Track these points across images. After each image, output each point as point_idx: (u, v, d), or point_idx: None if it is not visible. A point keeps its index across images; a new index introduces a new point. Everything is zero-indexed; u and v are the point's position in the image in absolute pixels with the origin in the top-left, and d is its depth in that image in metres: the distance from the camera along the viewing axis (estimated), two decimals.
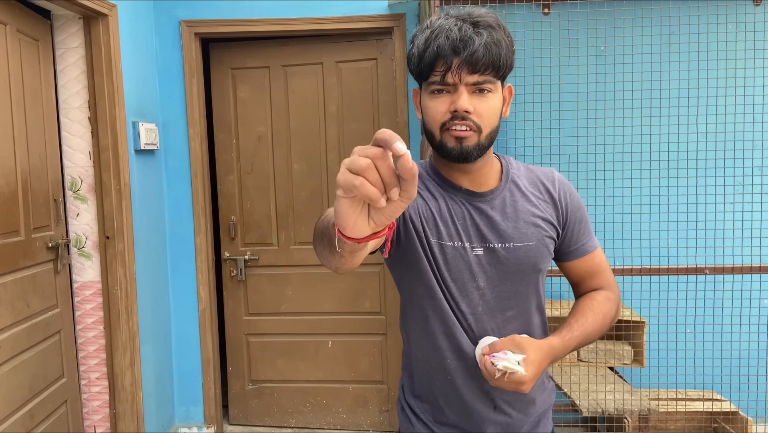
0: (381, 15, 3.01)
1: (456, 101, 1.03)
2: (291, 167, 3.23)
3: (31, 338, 2.28)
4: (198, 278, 3.18)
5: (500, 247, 1.10)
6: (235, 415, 3.39)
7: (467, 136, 1.04)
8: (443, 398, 1.17)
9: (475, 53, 1.00)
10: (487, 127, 1.05)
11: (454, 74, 1.02)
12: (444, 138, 1.06)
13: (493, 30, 1.03)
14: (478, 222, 1.11)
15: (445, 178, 1.15)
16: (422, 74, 1.07)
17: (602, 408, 2.58)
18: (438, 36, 1.02)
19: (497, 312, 1.12)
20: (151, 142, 2.92)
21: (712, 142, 2.75)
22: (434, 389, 1.18)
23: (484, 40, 1.01)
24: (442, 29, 1.03)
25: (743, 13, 2.83)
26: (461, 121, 1.03)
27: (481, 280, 1.11)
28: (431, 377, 1.17)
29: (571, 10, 2.75)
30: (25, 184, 2.26)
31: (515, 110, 2.76)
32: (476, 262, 1.11)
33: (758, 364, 2.87)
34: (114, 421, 2.69)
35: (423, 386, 1.20)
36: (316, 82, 3.19)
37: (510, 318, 1.13)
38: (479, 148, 1.06)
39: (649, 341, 2.77)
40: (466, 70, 1.01)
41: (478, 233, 1.11)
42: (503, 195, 1.13)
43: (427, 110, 1.08)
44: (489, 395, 1.14)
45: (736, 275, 2.61)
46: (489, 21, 1.03)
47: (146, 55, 2.99)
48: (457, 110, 1.03)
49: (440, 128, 1.06)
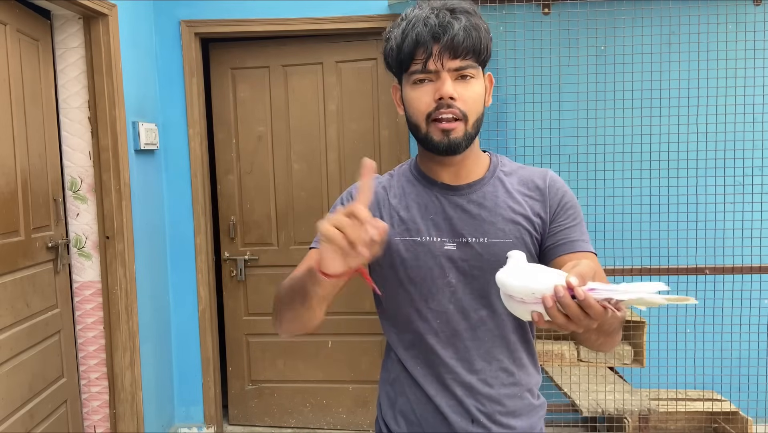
0: (381, 15, 3.01)
1: (440, 88, 1.00)
2: (291, 167, 3.23)
3: (31, 338, 2.28)
4: (198, 278, 3.18)
5: (474, 241, 1.06)
6: (235, 415, 3.39)
7: (454, 128, 1.02)
8: (419, 411, 1.11)
9: (455, 37, 0.98)
10: (473, 114, 1.03)
11: (435, 60, 1.00)
12: (430, 131, 1.03)
13: (470, 15, 1.01)
14: (451, 216, 1.08)
15: (423, 173, 1.12)
16: (402, 65, 1.04)
17: (602, 408, 2.58)
18: (415, 25, 1.01)
19: (470, 311, 1.07)
20: (151, 142, 2.92)
21: (712, 142, 2.75)
22: (410, 402, 1.12)
23: (463, 24, 0.99)
24: (419, 18, 1.01)
25: (743, 13, 2.83)
26: (447, 109, 1.01)
27: (452, 276, 1.07)
28: (404, 389, 1.13)
29: (571, 10, 2.75)
30: (24, 184, 2.26)
31: (515, 110, 2.76)
32: (447, 257, 1.07)
33: (758, 364, 2.87)
34: (114, 421, 2.69)
35: (399, 400, 1.15)
36: (316, 82, 3.19)
37: (483, 318, 1.07)
38: (467, 138, 1.04)
39: (649, 341, 2.77)
40: (447, 56, 1.00)
41: (451, 227, 1.08)
42: (484, 189, 1.09)
43: (410, 102, 1.05)
44: (463, 406, 1.08)
45: (736, 275, 2.61)
46: (465, 7, 1.02)
47: (146, 55, 2.99)
48: (443, 97, 1.00)
49: (426, 119, 1.03)
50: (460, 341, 1.08)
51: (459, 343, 1.08)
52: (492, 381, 1.09)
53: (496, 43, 2.80)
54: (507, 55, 2.71)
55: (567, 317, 0.80)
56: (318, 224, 0.81)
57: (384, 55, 1.09)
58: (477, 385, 1.08)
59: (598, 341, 0.99)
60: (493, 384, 1.09)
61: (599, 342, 0.99)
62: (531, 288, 0.82)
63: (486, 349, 1.09)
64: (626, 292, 0.78)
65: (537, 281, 0.83)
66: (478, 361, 1.08)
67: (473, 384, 1.08)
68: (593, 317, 0.79)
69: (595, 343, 1.00)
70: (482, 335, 1.08)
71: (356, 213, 0.79)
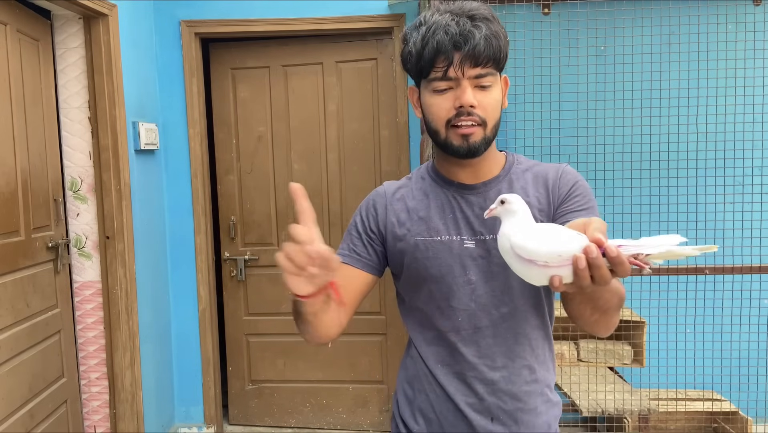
0: (381, 15, 3.01)
1: (460, 96, 1.02)
2: (291, 167, 3.23)
3: (31, 338, 2.28)
4: (198, 278, 3.18)
5: (491, 238, 1.07)
6: (235, 415, 3.39)
7: (473, 132, 1.04)
8: (438, 409, 1.12)
9: (476, 47, 1.00)
10: (491, 120, 1.05)
11: (456, 69, 1.01)
12: (450, 136, 1.05)
13: (489, 22, 1.02)
14: (468, 215, 1.10)
15: (441, 174, 1.15)
16: (422, 72, 1.05)
17: (602, 408, 2.58)
18: (436, 32, 1.01)
19: (491, 307, 1.08)
20: (151, 142, 2.92)
21: (712, 142, 2.75)
22: (429, 400, 1.14)
23: (484, 33, 1.00)
24: (439, 25, 1.02)
25: (743, 13, 2.83)
26: (467, 116, 1.03)
27: (473, 273, 1.08)
28: (423, 387, 1.14)
29: (571, 10, 2.75)
30: (25, 184, 2.26)
31: (515, 110, 2.76)
32: (468, 255, 1.08)
33: (758, 364, 2.87)
34: (114, 421, 2.69)
35: (418, 398, 1.16)
36: (316, 82, 3.19)
37: (505, 315, 1.08)
38: (486, 142, 1.06)
39: (649, 341, 2.77)
40: (468, 65, 1.01)
41: (469, 225, 1.09)
42: (499, 187, 1.11)
43: (430, 108, 1.06)
44: (484, 404, 1.09)
45: (736, 275, 2.61)
46: (484, 13, 1.03)
47: (146, 55, 2.99)
48: (463, 105, 1.02)
49: (446, 125, 1.05)
50: (482, 339, 1.09)
51: (481, 340, 1.09)
52: (515, 378, 1.09)
53: None
54: None
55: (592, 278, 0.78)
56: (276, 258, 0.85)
57: (402, 58, 1.10)
58: (500, 382, 1.09)
59: (592, 318, 1.00)
60: (515, 381, 1.09)
61: (593, 319, 1.00)
62: (558, 251, 0.78)
63: (508, 346, 1.09)
64: (654, 246, 0.76)
65: (562, 242, 0.79)
66: (500, 358, 1.09)
67: (496, 381, 1.09)
68: (620, 274, 0.78)
69: (589, 319, 1.01)
70: (504, 332, 1.09)
71: (296, 237, 0.82)
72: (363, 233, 1.16)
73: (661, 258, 0.78)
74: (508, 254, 0.87)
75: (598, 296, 0.95)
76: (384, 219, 1.15)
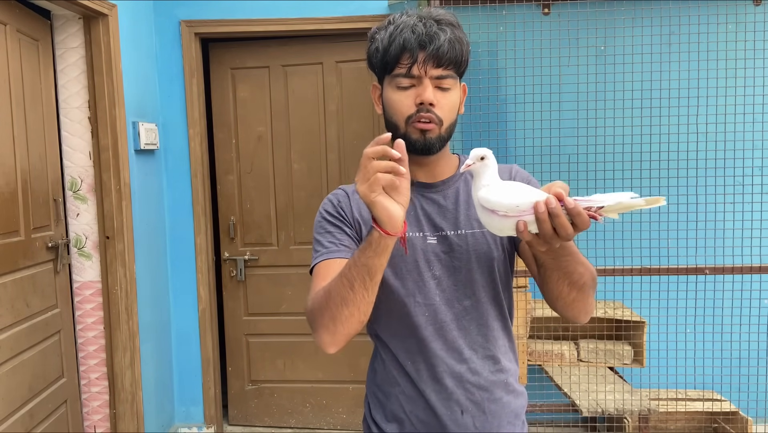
0: (381, 15, 3.01)
1: (422, 94, 1.07)
2: (291, 167, 3.23)
3: (31, 338, 2.28)
4: (198, 278, 3.18)
5: (452, 234, 1.13)
6: (234, 415, 3.39)
7: (431, 129, 1.09)
8: (409, 408, 1.14)
9: (440, 48, 1.05)
10: (447, 120, 1.10)
11: (420, 67, 1.06)
12: (408, 131, 1.10)
13: (454, 28, 1.08)
14: (429, 211, 1.15)
15: None
16: (386, 67, 1.11)
17: (602, 408, 2.58)
18: (403, 30, 1.08)
19: (454, 301, 1.13)
20: (151, 142, 2.92)
21: (712, 142, 2.74)
22: (400, 402, 1.15)
23: (448, 36, 1.06)
24: (407, 25, 1.08)
25: (743, 13, 2.83)
26: (426, 113, 1.08)
27: (437, 268, 1.13)
28: (393, 388, 1.15)
29: (571, 10, 2.75)
30: (24, 184, 2.26)
31: (515, 110, 2.76)
32: (431, 250, 1.13)
33: (758, 364, 2.87)
34: (114, 421, 2.69)
35: (389, 400, 1.17)
36: (316, 82, 3.19)
37: (468, 308, 1.13)
38: (440, 140, 1.11)
39: (649, 341, 2.77)
40: (431, 64, 1.06)
41: (430, 221, 1.14)
42: (456, 186, 1.17)
43: (391, 103, 1.12)
44: (453, 397, 1.11)
45: (736, 275, 2.61)
46: (450, 20, 1.09)
47: (146, 55, 2.99)
48: (423, 102, 1.07)
49: (405, 121, 1.10)
50: (447, 332, 1.13)
51: (447, 334, 1.13)
52: (480, 369, 1.13)
53: (496, 43, 2.82)
54: (507, 55, 2.71)
55: (554, 230, 0.87)
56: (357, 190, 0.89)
57: (368, 55, 1.18)
58: (466, 374, 1.12)
59: (570, 296, 1.04)
60: (481, 372, 1.13)
61: (571, 298, 1.04)
62: (516, 202, 0.90)
63: (472, 338, 1.14)
64: (604, 201, 0.86)
65: (521, 195, 0.90)
66: (465, 350, 1.13)
67: (462, 374, 1.12)
68: (579, 226, 0.87)
69: (567, 298, 1.04)
70: (467, 324, 1.13)
71: (393, 155, 0.88)
72: (341, 224, 1.15)
73: (615, 210, 0.86)
74: (477, 207, 0.97)
75: (572, 269, 1.00)
76: (351, 213, 1.17)
